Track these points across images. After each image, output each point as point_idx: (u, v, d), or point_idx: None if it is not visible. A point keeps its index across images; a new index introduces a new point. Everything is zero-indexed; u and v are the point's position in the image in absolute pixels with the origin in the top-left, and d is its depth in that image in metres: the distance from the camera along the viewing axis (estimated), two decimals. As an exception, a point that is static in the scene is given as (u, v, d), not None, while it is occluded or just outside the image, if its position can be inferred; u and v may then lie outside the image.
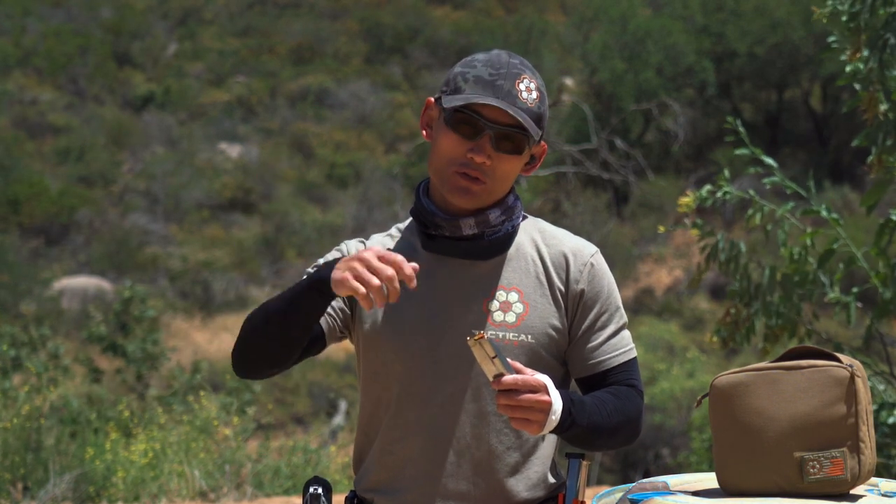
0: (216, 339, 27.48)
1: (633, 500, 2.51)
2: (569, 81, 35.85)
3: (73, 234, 31.61)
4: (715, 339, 6.05)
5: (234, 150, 36.41)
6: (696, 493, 2.55)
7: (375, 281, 2.44)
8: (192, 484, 9.49)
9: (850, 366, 2.49)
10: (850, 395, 2.47)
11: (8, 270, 26.54)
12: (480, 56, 2.69)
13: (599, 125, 30.60)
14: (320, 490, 2.70)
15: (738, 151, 6.06)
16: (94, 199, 32.87)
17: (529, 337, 2.68)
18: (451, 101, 2.65)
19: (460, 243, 2.70)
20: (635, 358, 2.76)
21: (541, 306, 2.70)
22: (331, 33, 41.88)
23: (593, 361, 2.71)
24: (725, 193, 5.96)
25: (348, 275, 2.47)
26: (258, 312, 2.65)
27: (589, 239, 2.80)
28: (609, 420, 2.64)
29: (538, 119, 2.67)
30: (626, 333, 2.76)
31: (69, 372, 14.89)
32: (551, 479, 2.75)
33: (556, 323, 2.70)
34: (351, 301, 2.74)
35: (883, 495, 2.52)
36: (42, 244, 31.13)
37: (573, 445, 2.65)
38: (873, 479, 2.63)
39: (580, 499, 2.65)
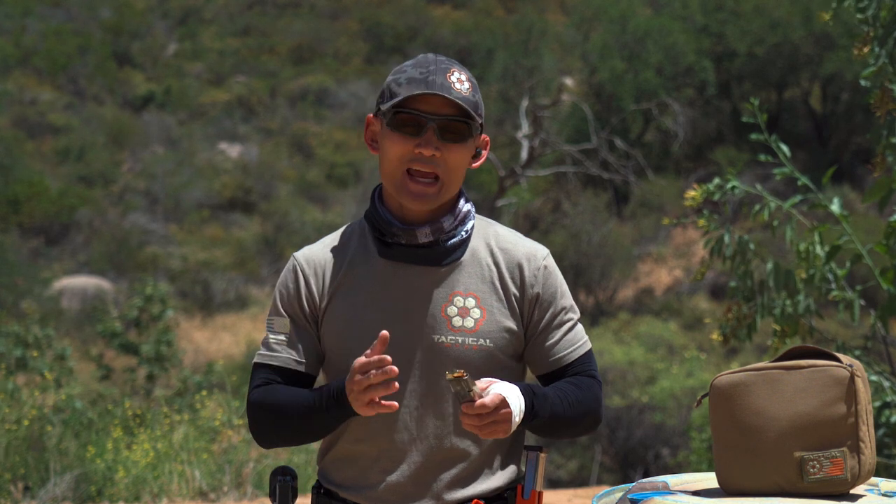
0: (216, 338, 27.47)
1: (633, 500, 2.52)
2: (569, 81, 35.84)
3: (73, 234, 31.60)
4: (718, 335, 6.01)
5: (234, 150, 36.42)
6: (696, 493, 2.55)
7: (378, 390, 2.60)
8: (192, 484, 9.49)
9: (850, 366, 2.49)
10: (850, 394, 2.47)
11: (8, 270, 26.52)
12: (408, 62, 2.78)
13: (599, 125, 30.56)
14: (288, 478, 2.79)
15: (753, 137, 6.03)
16: (94, 199, 32.87)
17: (488, 341, 2.76)
18: (389, 105, 2.72)
19: (416, 250, 2.77)
20: (591, 349, 2.87)
21: (497, 311, 2.78)
22: (331, 33, 41.90)
23: (554, 358, 2.81)
24: (733, 188, 5.94)
25: (366, 407, 2.62)
26: (274, 417, 2.75)
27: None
28: (571, 409, 2.74)
29: (475, 107, 2.74)
30: (580, 327, 2.86)
31: (74, 373, 14.86)
32: (512, 473, 2.83)
33: (512, 326, 2.79)
34: (315, 322, 2.80)
35: (883, 495, 2.52)
36: (42, 244, 31.13)
37: (536, 434, 2.76)
38: (873, 479, 2.63)
39: (538, 489, 2.76)
